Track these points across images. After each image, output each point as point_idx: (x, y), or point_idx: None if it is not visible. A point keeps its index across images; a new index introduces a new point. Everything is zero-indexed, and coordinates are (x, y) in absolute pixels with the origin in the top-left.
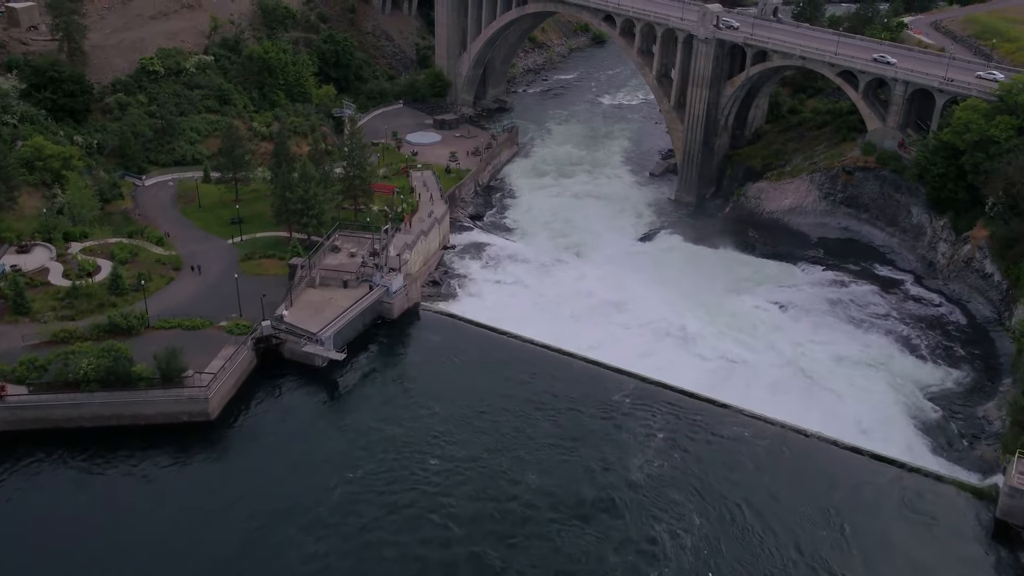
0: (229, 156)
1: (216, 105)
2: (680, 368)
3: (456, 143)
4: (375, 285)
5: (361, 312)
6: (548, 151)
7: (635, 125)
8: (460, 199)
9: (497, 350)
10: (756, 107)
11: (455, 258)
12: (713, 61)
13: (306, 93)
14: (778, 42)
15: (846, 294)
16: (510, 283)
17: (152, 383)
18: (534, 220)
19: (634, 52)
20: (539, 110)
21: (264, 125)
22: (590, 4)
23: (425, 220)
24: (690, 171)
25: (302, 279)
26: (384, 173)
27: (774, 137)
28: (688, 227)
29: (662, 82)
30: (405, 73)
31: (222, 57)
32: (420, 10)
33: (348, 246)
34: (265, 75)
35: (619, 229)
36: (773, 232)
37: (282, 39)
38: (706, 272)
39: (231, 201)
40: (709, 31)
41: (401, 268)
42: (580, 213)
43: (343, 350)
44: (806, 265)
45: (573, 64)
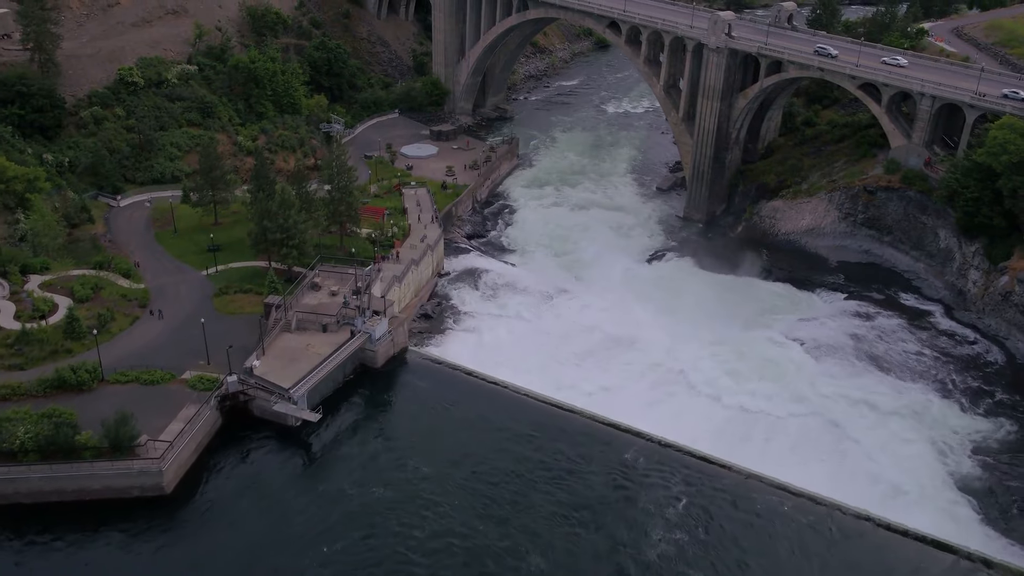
0: (206, 177)
1: (198, 118)
2: (695, 418)
3: (453, 156)
4: (357, 331)
5: (341, 363)
6: (550, 163)
7: (641, 134)
8: (456, 217)
9: (493, 402)
10: (769, 119)
11: (450, 286)
12: (725, 72)
13: (295, 104)
14: (794, 52)
15: (872, 329)
16: (509, 316)
17: (99, 453)
18: (535, 239)
19: (640, 61)
20: (541, 119)
21: (250, 139)
22: (594, 10)
23: (417, 247)
24: (700, 187)
25: (277, 322)
26: (376, 191)
27: (788, 151)
28: (698, 248)
29: (670, 93)
30: (401, 81)
31: (206, 67)
32: (417, 15)
33: (329, 283)
34: (251, 86)
35: (625, 249)
36: (789, 255)
37: (271, 47)
38: (719, 301)
39: (210, 224)
40: (720, 40)
41: (386, 310)
42: (583, 231)
43: (318, 409)
44: (826, 292)
45: (576, 70)
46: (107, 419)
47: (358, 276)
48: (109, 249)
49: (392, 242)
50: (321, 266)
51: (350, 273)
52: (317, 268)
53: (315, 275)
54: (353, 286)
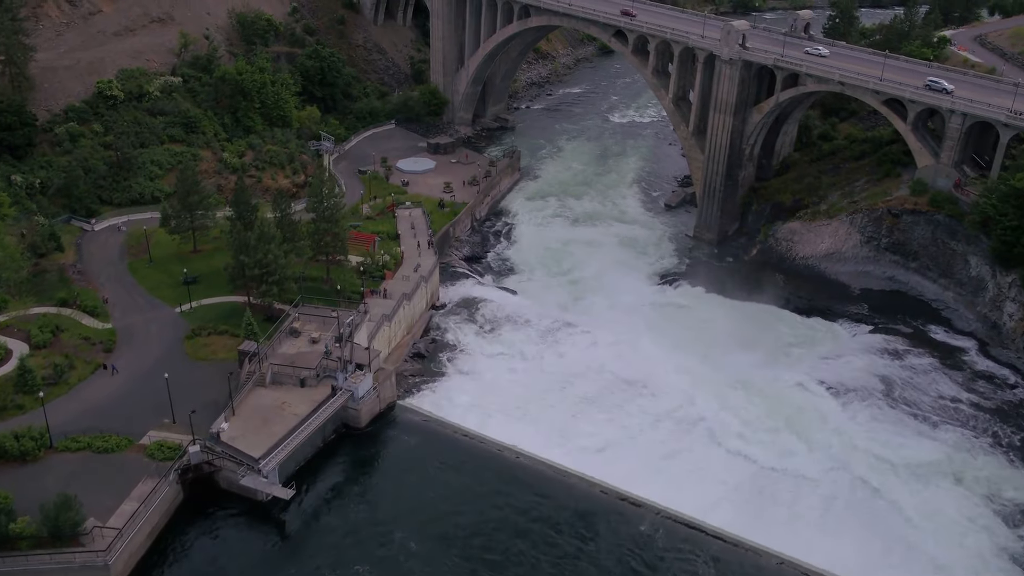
0: (184, 201)
1: (181, 134)
2: (715, 477)
3: (451, 170)
4: (339, 387)
5: (320, 425)
6: (553, 177)
7: (647, 145)
8: (454, 238)
9: (490, 464)
10: (784, 134)
11: (445, 320)
12: (738, 85)
13: (286, 116)
14: (813, 65)
15: (903, 370)
16: (509, 354)
17: (38, 543)
18: (537, 261)
19: (648, 72)
20: (543, 129)
21: (236, 155)
22: (600, 19)
23: (410, 278)
24: (711, 205)
25: (251, 375)
26: (368, 212)
27: (805, 168)
28: (711, 272)
29: (679, 105)
30: (398, 90)
31: (192, 78)
32: (416, 20)
33: (310, 328)
34: (239, 98)
35: (633, 273)
36: (808, 281)
37: (260, 56)
38: (735, 334)
39: (188, 252)
40: (734, 51)
41: (371, 363)
42: (589, 252)
43: (291, 484)
44: (849, 324)
45: (580, 76)
46: (47, 503)
47: (342, 322)
48: (77, 282)
49: (383, 273)
50: (302, 307)
51: (333, 316)
52: (297, 311)
53: (294, 319)
54: (336, 332)
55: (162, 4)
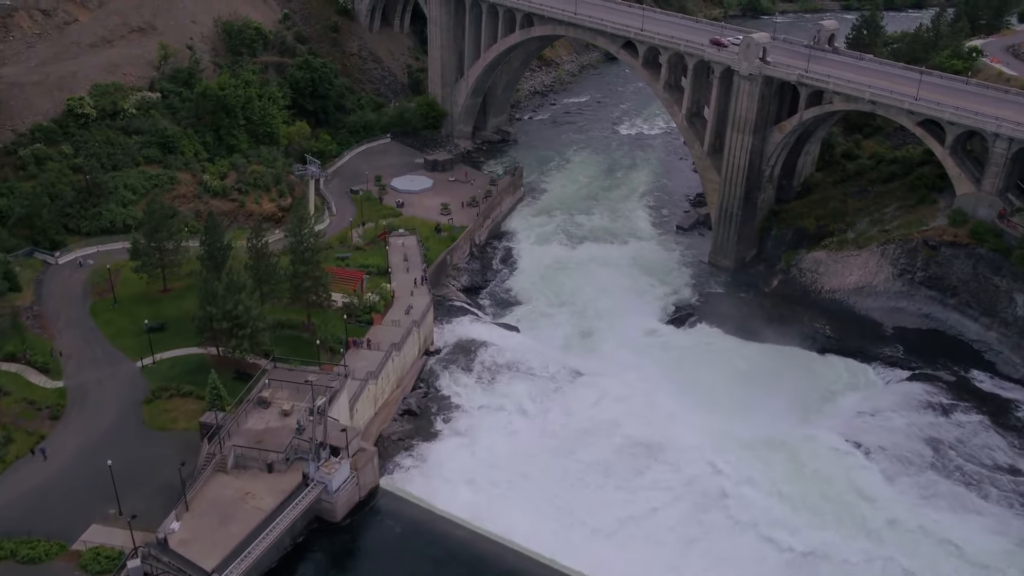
0: (151, 237)
1: (158, 155)
2: (742, 566)
3: (449, 190)
4: (310, 479)
5: (289, 525)
6: (557, 195)
7: (657, 158)
8: (451, 266)
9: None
10: (806, 153)
11: (440, 368)
12: (758, 102)
13: (273, 133)
14: (841, 82)
15: (949, 427)
16: (509, 410)
17: None
18: (541, 292)
19: (660, 86)
20: (547, 142)
21: (218, 177)
22: (607, 29)
23: (401, 322)
24: (727, 230)
25: (211, 458)
26: (358, 240)
27: (829, 190)
28: (729, 307)
29: (693, 122)
30: (394, 100)
31: (171, 93)
32: (413, 27)
33: (281, 397)
34: (222, 115)
35: (643, 306)
36: (836, 318)
37: (247, 69)
38: (758, 381)
39: (157, 292)
40: (754, 66)
41: (349, 445)
42: (596, 281)
43: None
44: (883, 368)
45: (585, 84)
46: None
47: (317, 389)
48: (32, 328)
49: (370, 317)
50: (273, 370)
51: (309, 380)
52: (267, 377)
53: (263, 386)
54: (311, 402)
55: (143, 12)
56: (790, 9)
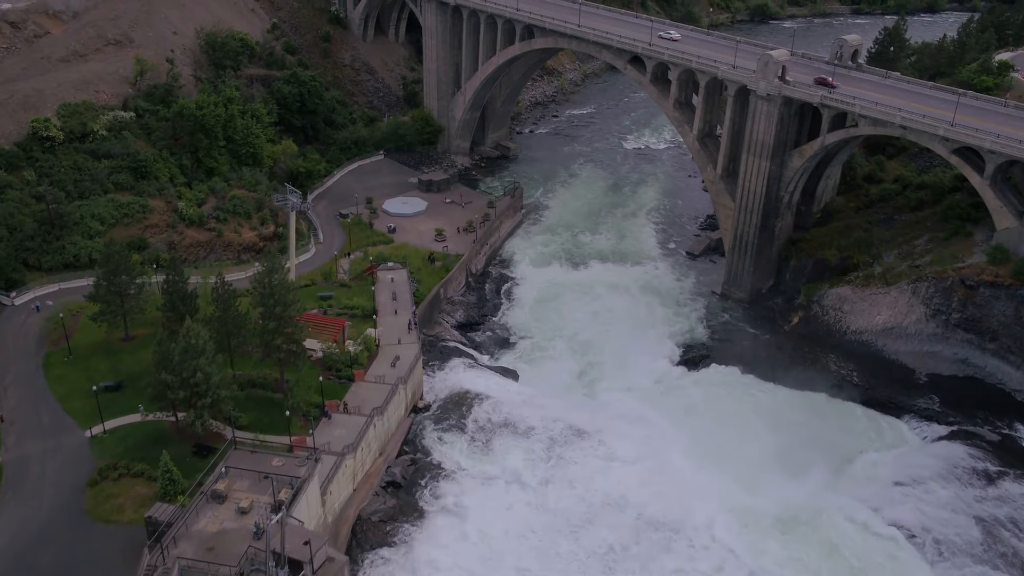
0: (110, 282)
1: (129, 180)
2: None
3: (445, 213)
4: None
5: None
6: (559, 216)
7: (665, 175)
8: (445, 300)
9: None
10: (827, 177)
11: (429, 427)
12: (777, 124)
13: (257, 153)
14: (868, 104)
15: (999, 504)
16: (505, 480)
17: None
18: (541, 327)
19: (669, 105)
20: (549, 158)
21: (195, 203)
22: (613, 43)
23: (387, 376)
24: (742, 260)
25: (151, 572)
26: (344, 277)
27: (851, 217)
28: (745, 346)
29: (705, 144)
30: (388, 114)
31: (147, 112)
32: (409, 36)
33: (240, 489)
34: (200, 136)
35: (651, 343)
36: (863, 362)
37: (229, 85)
38: (781, 438)
39: (119, 341)
40: (772, 85)
41: (314, 558)
42: (600, 313)
43: None
44: (917, 422)
45: (588, 94)
46: None
47: (280, 481)
48: None
49: (351, 373)
50: (233, 454)
51: (270, 474)
52: (224, 463)
53: (219, 475)
54: (274, 496)
55: (120, 24)
56: (799, 14)
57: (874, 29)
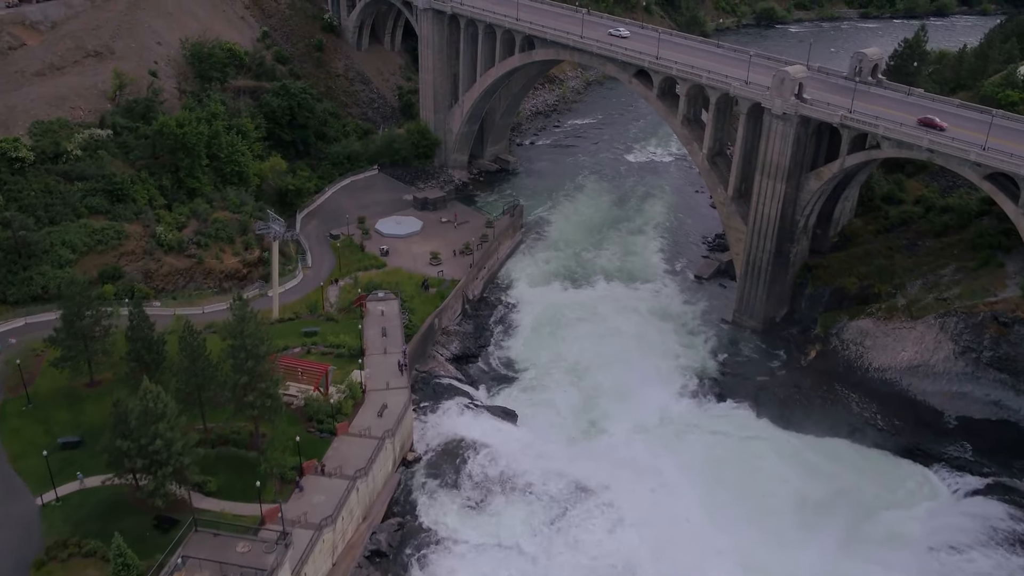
0: (71, 327)
1: (104, 204)
2: None
3: (441, 233)
4: None
5: None
6: (561, 235)
7: (671, 190)
8: (440, 330)
9: None
10: (845, 199)
11: (419, 484)
12: (793, 144)
13: (242, 172)
14: (892, 125)
15: None
16: (503, 546)
17: None
18: (543, 359)
19: (677, 121)
20: (550, 171)
21: (175, 227)
22: (618, 56)
23: (373, 427)
24: (755, 286)
25: None
26: (331, 310)
27: (871, 242)
28: (759, 383)
29: (716, 163)
30: (384, 126)
31: (125, 129)
32: (405, 43)
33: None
34: (180, 155)
35: (659, 376)
36: (887, 403)
37: (214, 99)
38: (802, 489)
39: (82, 387)
40: (789, 104)
41: None
42: (604, 343)
43: None
44: (949, 472)
45: (590, 103)
46: None
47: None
48: None
49: (333, 427)
50: (193, 537)
51: (242, 552)
52: (181, 552)
53: (175, 568)
54: None
55: (100, 34)
56: (806, 18)
57: (883, 33)
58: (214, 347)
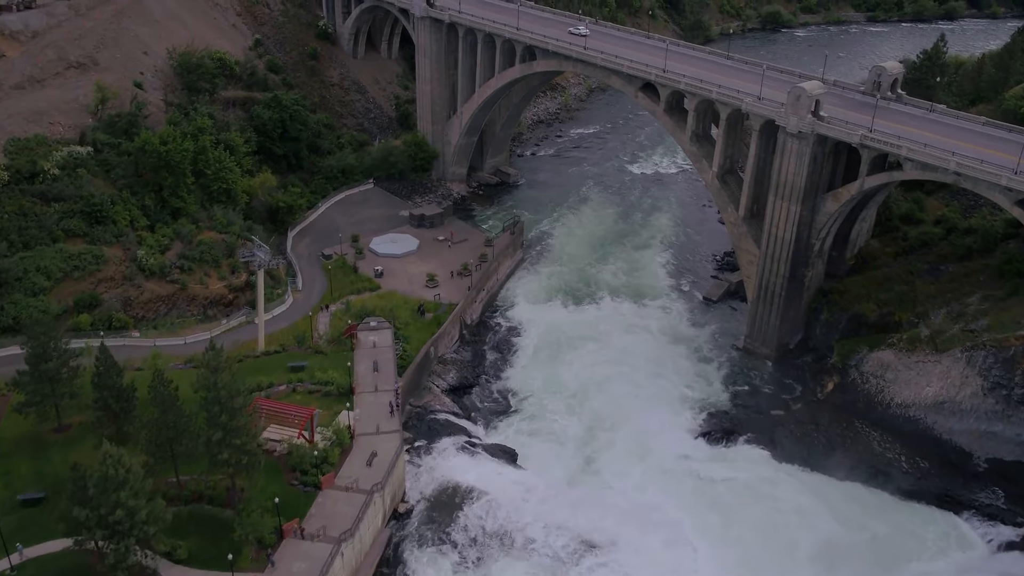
0: (35, 371)
1: (82, 227)
2: None
3: (437, 253)
4: None
5: None
6: (563, 252)
7: (677, 204)
8: (436, 359)
9: None
10: (862, 220)
11: (411, 540)
12: (809, 165)
13: (231, 189)
14: (916, 145)
15: None
16: None
17: None
18: (543, 389)
19: (686, 138)
20: (552, 183)
21: (158, 250)
22: (623, 68)
23: (360, 480)
24: (767, 312)
25: None
26: (320, 342)
27: (890, 265)
28: (775, 419)
29: (727, 182)
30: (380, 137)
31: (107, 146)
32: (403, 51)
33: None
34: (164, 174)
35: (668, 409)
36: (911, 442)
37: (201, 113)
38: (825, 542)
39: (50, 432)
40: (805, 122)
41: None
42: (609, 371)
43: None
44: (980, 523)
45: (593, 112)
46: None
47: None
48: None
49: (318, 479)
50: None
51: None
52: None
53: None
54: None
55: (84, 44)
56: (812, 21)
57: (892, 38)
58: (190, 392)
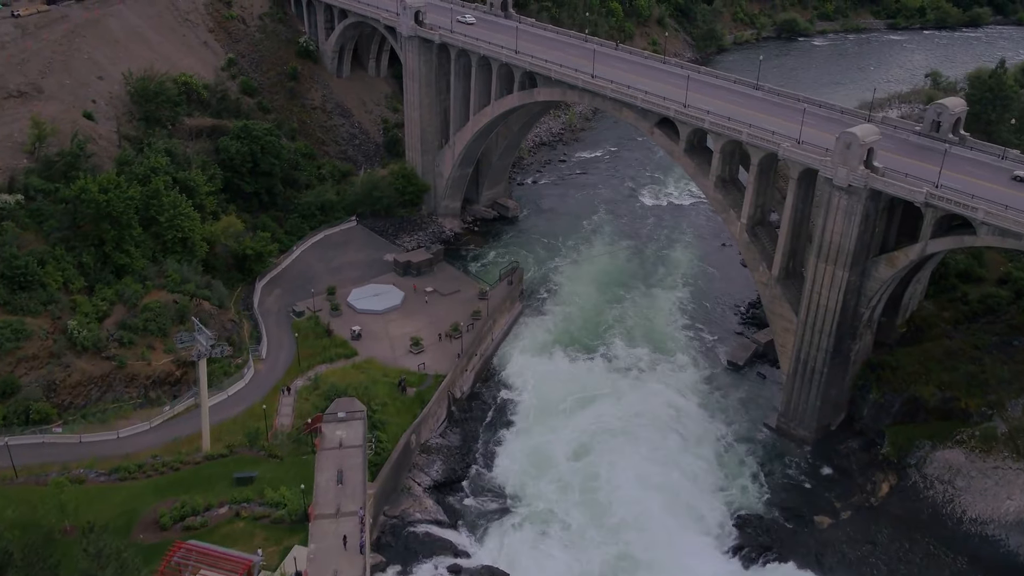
0: None
1: (3, 294)
2: None
3: (425, 308)
4: None
5: None
6: (568, 298)
7: (694, 240)
8: (418, 448)
9: None
10: (916, 282)
11: None
12: (860, 224)
13: (187, 239)
14: (994, 208)
15: None
16: None
17: None
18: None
19: (710, 184)
20: (554, 217)
21: (94, 318)
22: (637, 102)
23: None
24: (806, 389)
25: None
26: (279, 438)
27: (949, 335)
28: (819, 532)
29: (757, 234)
30: (365, 166)
31: (40, 193)
32: (392, 69)
33: None
34: (105, 226)
35: (692, 510)
36: (991, 569)
37: (156, 148)
38: None
39: None
40: (857, 175)
41: None
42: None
43: None
44: None
45: (598, 132)
46: None
47: None
48: None
49: None
50: None
51: None
52: None
53: None
54: None
55: (27, 70)
56: (830, 29)
57: (917, 46)
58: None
